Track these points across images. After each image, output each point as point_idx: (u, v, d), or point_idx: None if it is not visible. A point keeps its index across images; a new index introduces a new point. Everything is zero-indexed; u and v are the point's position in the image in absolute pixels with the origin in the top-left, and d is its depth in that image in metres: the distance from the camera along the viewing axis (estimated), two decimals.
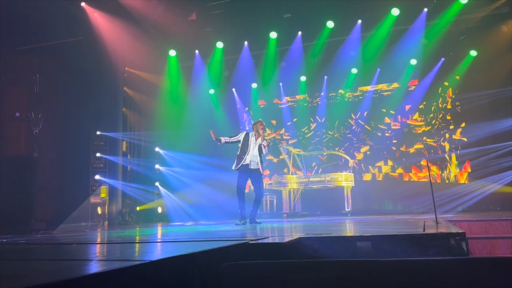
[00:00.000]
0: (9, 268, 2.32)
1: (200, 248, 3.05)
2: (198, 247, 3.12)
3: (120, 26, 8.76)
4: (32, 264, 2.57)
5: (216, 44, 10.54)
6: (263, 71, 11.31)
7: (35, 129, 9.18)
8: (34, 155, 9.04)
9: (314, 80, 11.44)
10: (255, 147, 6.72)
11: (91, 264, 2.48)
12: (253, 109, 12.36)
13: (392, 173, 10.85)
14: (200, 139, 10.32)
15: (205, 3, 9.33)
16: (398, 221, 5.94)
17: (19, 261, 2.73)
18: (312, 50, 10.69)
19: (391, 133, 11.00)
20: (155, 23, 9.04)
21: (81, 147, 9.15)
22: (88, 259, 2.73)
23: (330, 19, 9.78)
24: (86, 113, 9.13)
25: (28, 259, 2.92)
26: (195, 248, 3.07)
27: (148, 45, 9.49)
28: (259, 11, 9.47)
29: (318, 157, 11.49)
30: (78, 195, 8.90)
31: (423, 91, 10.62)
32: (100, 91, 9.27)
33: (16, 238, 5.38)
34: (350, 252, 3.59)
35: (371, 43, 10.24)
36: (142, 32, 9.10)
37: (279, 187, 9.95)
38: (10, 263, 2.61)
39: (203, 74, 11.34)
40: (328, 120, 11.60)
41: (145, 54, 9.66)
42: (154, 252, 3.00)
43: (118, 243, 3.91)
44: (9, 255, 3.10)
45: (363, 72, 10.90)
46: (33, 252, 3.37)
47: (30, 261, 2.78)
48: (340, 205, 9.40)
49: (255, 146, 6.73)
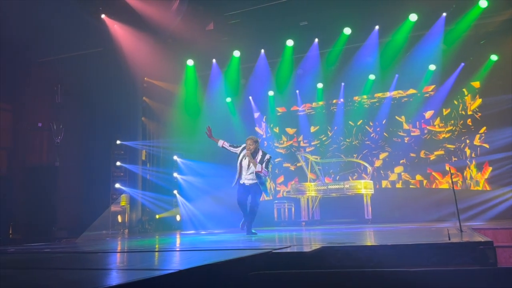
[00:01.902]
0: (40, 278, 2.36)
1: (225, 257, 3.06)
2: (223, 256, 3.13)
3: (139, 37, 8.91)
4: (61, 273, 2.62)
5: (233, 53, 10.63)
6: (280, 79, 11.32)
7: (56, 139, 9.34)
8: (56, 165, 9.19)
9: (331, 87, 11.40)
10: (249, 168, 6.30)
11: (120, 273, 2.51)
12: (270, 116, 12.38)
13: (412, 180, 10.71)
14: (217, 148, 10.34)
15: (222, 13, 9.42)
16: (420, 229, 5.86)
17: (49, 270, 2.78)
18: (328, 57, 10.68)
19: (410, 139, 10.87)
20: (173, 33, 9.16)
21: (102, 156, 9.29)
22: (116, 269, 2.76)
23: (347, 25, 9.77)
24: (106, 123, 9.28)
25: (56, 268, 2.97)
26: (220, 257, 3.08)
27: (167, 55, 9.61)
28: (275, 20, 9.51)
29: (336, 164, 11.41)
30: (98, 204, 9.02)
31: (443, 96, 10.48)
32: (120, 101, 9.42)
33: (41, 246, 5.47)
34: (375, 261, 3.55)
35: (389, 49, 10.16)
36: (160, 43, 9.23)
37: (297, 194, 9.91)
38: (40, 273, 2.66)
39: (220, 83, 11.42)
40: (345, 127, 11.53)
41: (164, 64, 9.79)
42: (181, 261, 3.02)
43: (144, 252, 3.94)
44: (38, 264, 3.16)
45: (381, 78, 10.81)
46: (60, 261, 3.42)
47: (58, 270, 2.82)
48: (359, 213, 9.31)
49: (248, 168, 6.30)
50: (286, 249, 3.49)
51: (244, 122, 12.13)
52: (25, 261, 3.55)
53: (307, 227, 8.62)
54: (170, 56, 9.79)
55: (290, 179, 11.78)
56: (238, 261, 2.87)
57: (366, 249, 3.60)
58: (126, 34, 8.89)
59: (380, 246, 3.60)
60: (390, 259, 3.49)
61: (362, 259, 3.50)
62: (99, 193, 9.15)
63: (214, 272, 2.64)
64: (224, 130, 10.88)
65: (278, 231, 7.19)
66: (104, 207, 9.01)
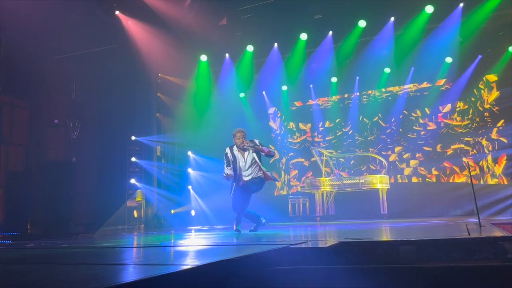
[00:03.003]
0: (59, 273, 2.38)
1: (241, 252, 3.05)
2: (240, 252, 3.12)
3: (153, 33, 8.94)
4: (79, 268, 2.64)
5: (246, 47, 10.59)
6: (293, 73, 11.25)
7: (72, 135, 9.46)
8: (72, 161, 9.31)
9: (346, 80, 11.29)
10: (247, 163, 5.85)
11: (138, 269, 2.52)
12: (283, 111, 12.32)
13: (428, 174, 10.56)
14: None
15: (235, 8, 9.40)
16: (438, 224, 5.77)
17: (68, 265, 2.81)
18: (343, 50, 10.56)
19: (426, 133, 10.72)
20: (186, 29, 9.17)
21: (117, 152, 9.36)
22: (133, 264, 2.77)
23: (362, 18, 9.64)
24: (121, 119, 9.35)
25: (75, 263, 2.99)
26: (237, 253, 3.08)
27: (180, 51, 9.63)
28: (289, 14, 9.45)
29: (351, 159, 11.33)
30: (114, 199, 9.10)
31: (460, 89, 10.30)
32: (135, 97, 9.48)
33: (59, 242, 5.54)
34: (393, 257, 3.50)
35: (404, 42, 10.00)
36: (174, 39, 9.25)
37: (312, 189, 9.86)
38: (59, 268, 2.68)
39: (233, 78, 11.40)
40: (360, 121, 11.41)
41: (177, 60, 9.81)
42: (198, 256, 3.02)
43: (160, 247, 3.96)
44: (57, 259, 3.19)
45: (396, 72, 10.66)
46: (79, 256, 3.46)
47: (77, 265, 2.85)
48: (375, 208, 9.22)
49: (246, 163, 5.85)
50: (302, 245, 3.46)
51: (257, 117, 12.11)
52: (44, 256, 3.59)
53: (322, 222, 8.57)
54: (183, 52, 9.81)
55: (304, 174, 11.74)
56: (255, 257, 2.85)
57: (384, 245, 3.55)
58: (140, 30, 8.93)
59: (398, 242, 3.54)
60: (408, 254, 3.44)
61: (380, 254, 3.45)
62: (114, 188, 9.24)
63: (231, 268, 2.63)
64: (237, 125, 10.86)
65: (293, 227, 7.17)
66: (120, 203, 9.10)
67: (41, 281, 2.06)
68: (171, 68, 10.22)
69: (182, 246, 4.01)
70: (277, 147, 12.26)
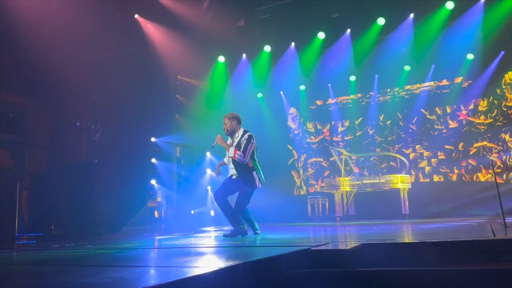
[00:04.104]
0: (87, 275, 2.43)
1: (262, 254, 3.06)
2: (261, 253, 3.13)
3: (171, 36, 9.03)
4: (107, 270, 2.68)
5: (263, 48, 10.60)
6: (311, 73, 11.19)
7: (94, 137, 9.61)
8: (94, 162, 9.46)
9: (365, 79, 11.18)
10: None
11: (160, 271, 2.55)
12: (301, 111, 12.29)
13: (450, 173, 10.38)
14: None
15: (253, 9, 9.41)
16: (461, 225, 5.67)
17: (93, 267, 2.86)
18: (361, 48, 10.45)
19: (448, 131, 10.53)
20: (204, 31, 9.22)
21: (138, 154, 9.48)
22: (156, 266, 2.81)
23: (380, 15, 9.54)
24: (141, 121, 9.46)
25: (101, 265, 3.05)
26: (258, 254, 3.09)
27: (198, 53, 9.70)
28: (306, 13, 9.41)
29: (371, 159, 11.22)
30: (135, 200, 9.23)
31: (482, 86, 10.08)
32: (154, 99, 9.59)
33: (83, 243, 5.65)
34: (416, 259, 3.46)
35: (424, 39, 9.85)
36: (192, 41, 9.32)
37: (331, 189, 9.80)
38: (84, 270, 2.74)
39: (251, 78, 11.42)
40: (380, 120, 11.29)
41: (195, 61, 9.88)
42: (220, 258, 3.04)
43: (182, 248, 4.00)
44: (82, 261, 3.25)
45: (417, 69, 10.51)
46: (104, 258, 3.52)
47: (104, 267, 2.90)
48: (396, 208, 9.11)
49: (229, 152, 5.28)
50: (323, 246, 3.45)
51: (275, 117, 12.11)
52: (70, 258, 3.67)
53: (342, 223, 8.51)
54: (201, 54, 9.88)
55: (322, 174, 11.68)
56: (277, 259, 2.86)
57: (407, 246, 3.51)
58: (158, 33, 9.04)
59: (421, 243, 3.50)
60: (432, 256, 3.39)
61: (404, 256, 3.41)
62: (135, 189, 9.36)
63: (253, 270, 2.64)
64: (254, 126, 10.87)
65: (313, 227, 7.14)
66: (141, 203, 9.22)
67: (70, 283, 2.11)
68: (189, 70, 10.31)
69: (204, 247, 4.04)
70: (295, 147, 12.25)
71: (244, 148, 5.14)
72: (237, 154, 5.12)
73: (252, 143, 5.24)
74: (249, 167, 5.22)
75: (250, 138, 5.25)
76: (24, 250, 5.05)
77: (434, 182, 10.49)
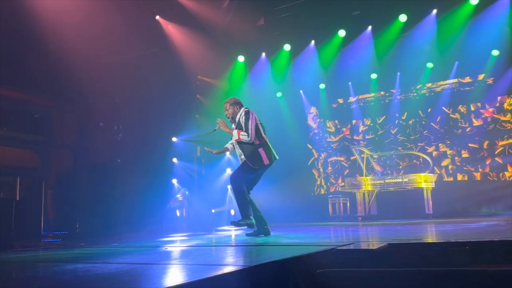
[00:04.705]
0: (120, 273, 2.46)
1: (288, 253, 3.05)
2: (287, 252, 3.12)
3: (191, 36, 9.11)
4: (138, 268, 2.72)
5: (283, 46, 10.58)
6: (331, 71, 11.11)
7: (117, 137, 9.76)
8: (117, 162, 9.61)
9: (386, 76, 11.03)
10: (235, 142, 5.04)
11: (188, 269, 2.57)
12: (321, 110, 12.21)
13: (474, 172, 10.16)
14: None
15: (273, 8, 9.41)
16: (488, 225, 5.55)
17: (125, 265, 2.90)
18: (382, 45, 10.32)
19: (472, 129, 10.31)
20: (224, 31, 9.27)
21: (159, 153, 9.60)
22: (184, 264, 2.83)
23: (402, 12, 9.41)
24: (162, 121, 9.57)
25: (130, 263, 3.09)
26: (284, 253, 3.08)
27: (218, 53, 9.76)
28: (326, 11, 9.36)
29: (393, 157, 11.07)
30: (157, 199, 9.35)
31: (508, 83, 9.83)
32: (175, 100, 9.68)
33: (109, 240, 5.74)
34: (444, 259, 3.40)
35: (447, 35, 9.66)
36: (212, 41, 9.38)
37: (353, 189, 9.71)
38: (118, 267, 2.78)
39: (270, 78, 11.41)
40: (402, 118, 11.13)
41: (215, 61, 9.94)
42: (246, 257, 3.05)
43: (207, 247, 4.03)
44: (116, 259, 3.30)
45: (440, 66, 10.31)
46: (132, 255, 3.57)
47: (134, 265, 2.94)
48: (419, 208, 8.96)
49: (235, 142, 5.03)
50: (349, 246, 3.42)
51: (295, 116, 12.06)
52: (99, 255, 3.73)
53: (364, 223, 8.43)
54: (221, 54, 9.94)
55: (342, 173, 11.59)
56: (304, 258, 2.85)
57: (435, 246, 3.45)
58: (179, 34, 9.13)
59: (449, 243, 3.43)
60: (462, 257, 3.32)
61: (432, 257, 3.36)
62: (157, 188, 9.48)
63: (280, 269, 2.64)
64: (274, 125, 10.82)
65: (335, 227, 7.09)
66: (162, 202, 9.33)
67: (104, 280, 2.15)
68: (210, 70, 10.37)
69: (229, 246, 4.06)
70: (315, 146, 12.19)
71: (245, 126, 4.84)
72: (241, 135, 4.83)
73: (251, 118, 4.90)
74: (255, 145, 4.89)
75: (248, 113, 4.94)
76: (52, 248, 5.17)
77: (457, 181, 10.29)
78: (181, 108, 9.88)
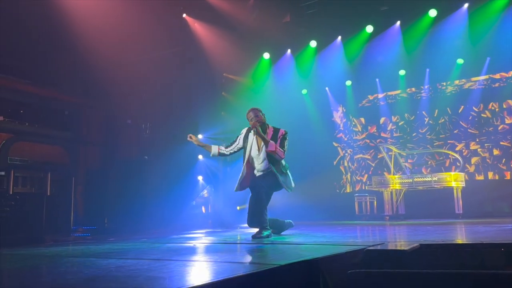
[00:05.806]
0: (152, 269, 2.50)
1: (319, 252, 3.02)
2: (317, 252, 3.10)
3: (217, 34, 9.15)
4: (170, 264, 2.75)
5: (309, 43, 10.48)
6: (358, 67, 10.93)
7: (144, 134, 9.91)
8: (144, 158, 9.77)
9: (415, 73, 10.76)
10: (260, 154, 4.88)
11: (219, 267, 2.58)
12: (347, 107, 12.05)
13: (506, 171, 9.84)
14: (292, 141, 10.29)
15: (299, 4, 9.34)
16: None
17: (156, 261, 2.94)
18: (411, 41, 10.07)
19: (504, 128, 9.98)
20: (250, 28, 9.27)
21: (185, 151, 9.68)
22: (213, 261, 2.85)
23: (432, 7, 9.17)
24: (188, 118, 9.66)
25: (161, 259, 3.13)
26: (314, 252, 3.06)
27: (244, 50, 9.76)
28: (354, 6, 9.22)
29: (422, 156, 10.82)
30: (183, 195, 9.46)
31: None
32: (201, 97, 9.76)
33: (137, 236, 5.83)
34: (478, 261, 3.30)
35: (479, 30, 9.36)
36: (238, 38, 9.39)
37: (380, 187, 9.55)
38: (149, 264, 2.82)
39: (296, 75, 11.33)
40: (431, 116, 10.86)
41: (241, 59, 9.95)
42: (277, 255, 3.04)
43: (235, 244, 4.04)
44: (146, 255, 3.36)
45: (471, 62, 9.99)
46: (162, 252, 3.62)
47: (165, 261, 2.98)
48: (448, 207, 8.75)
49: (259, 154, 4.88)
50: (379, 246, 3.37)
51: (320, 114, 11.93)
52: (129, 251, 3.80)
53: (392, 222, 8.29)
54: (247, 51, 9.93)
55: (368, 171, 11.43)
56: (334, 258, 2.82)
57: (468, 247, 3.36)
58: (205, 31, 9.18)
59: (484, 244, 3.33)
60: (496, 259, 3.22)
61: (465, 258, 3.27)
62: (183, 185, 9.58)
63: (311, 268, 2.62)
64: (299, 122, 10.75)
65: (361, 226, 7.00)
66: (188, 199, 9.43)
67: (137, 277, 2.18)
68: (235, 67, 10.39)
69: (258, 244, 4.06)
70: (341, 144, 12.05)
71: (283, 144, 4.83)
72: (278, 149, 4.73)
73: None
74: (285, 165, 4.93)
75: (287, 135, 4.98)
76: (82, 243, 5.29)
77: (488, 180, 9.99)
78: (207, 105, 9.94)
